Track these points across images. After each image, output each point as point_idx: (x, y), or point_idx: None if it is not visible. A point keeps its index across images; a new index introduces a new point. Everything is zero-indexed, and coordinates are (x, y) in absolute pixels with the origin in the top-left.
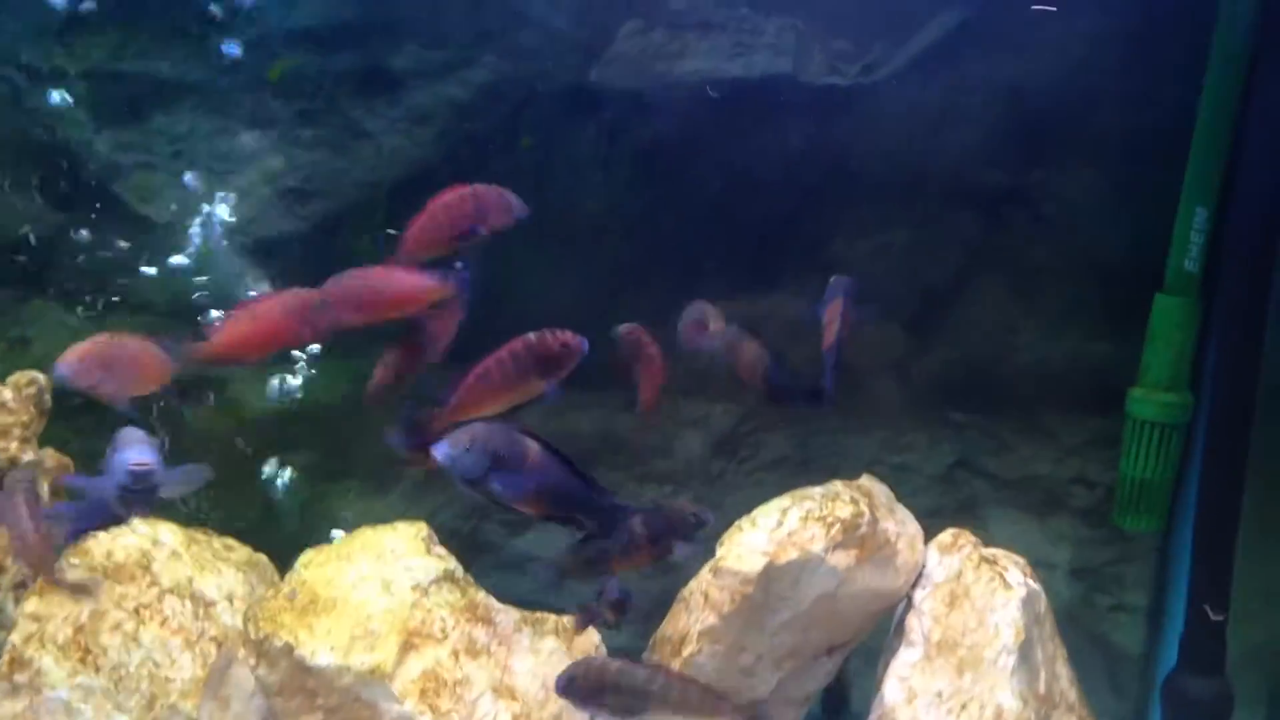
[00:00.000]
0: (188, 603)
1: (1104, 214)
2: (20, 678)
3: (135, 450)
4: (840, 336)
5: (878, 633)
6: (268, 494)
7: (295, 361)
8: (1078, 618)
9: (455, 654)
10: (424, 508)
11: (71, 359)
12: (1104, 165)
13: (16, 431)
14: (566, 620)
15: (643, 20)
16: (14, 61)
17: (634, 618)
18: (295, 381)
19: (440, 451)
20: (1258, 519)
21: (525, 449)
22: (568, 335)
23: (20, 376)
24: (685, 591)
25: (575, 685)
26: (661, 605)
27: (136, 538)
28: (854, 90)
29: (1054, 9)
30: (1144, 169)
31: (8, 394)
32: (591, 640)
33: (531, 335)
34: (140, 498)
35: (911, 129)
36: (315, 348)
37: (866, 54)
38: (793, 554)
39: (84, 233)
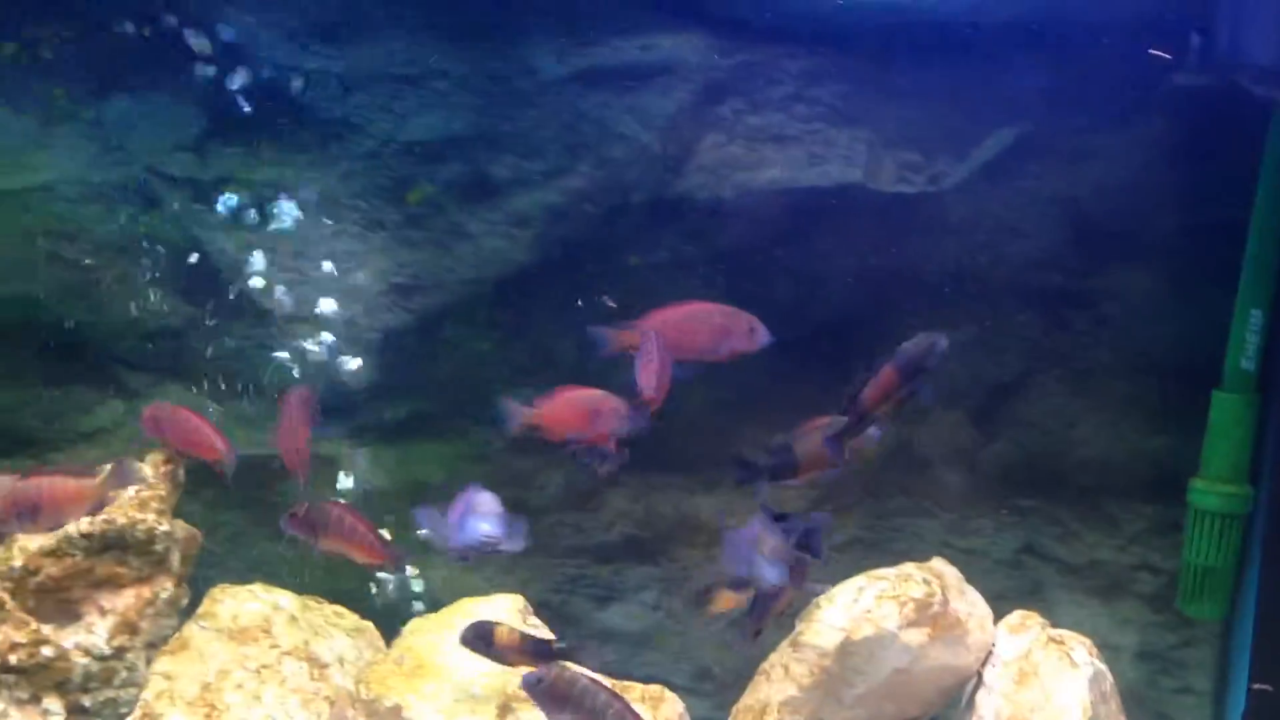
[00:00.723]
0: (304, 664)
1: (1161, 315)
2: None
3: (489, 520)
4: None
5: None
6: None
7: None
8: (1144, 699)
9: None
10: (515, 580)
11: None
12: (1160, 268)
13: (154, 504)
14: (652, 689)
15: (723, 134)
16: (155, 170)
17: (713, 689)
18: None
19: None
20: None
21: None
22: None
23: (158, 454)
24: (766, 664)
25: (539, 687)
26: (741, 677)
27: (259, 603)
28: (921, 198)
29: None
30: (1199, 272)
31: (148, 470)
32: (674, 709)
33: None
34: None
35: (975, 234)
36: None
37: (933, 165)
38: (868, 630)
39: (212, 324)
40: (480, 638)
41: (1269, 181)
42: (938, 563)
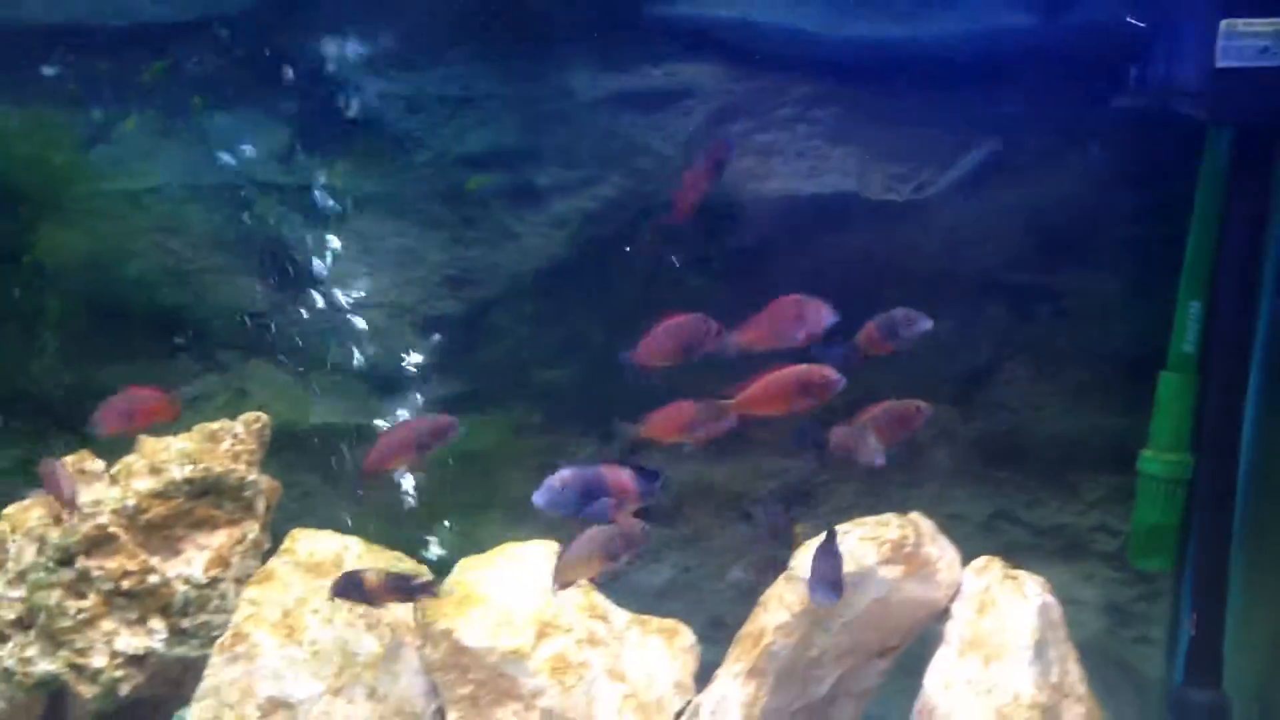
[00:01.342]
0: None
1: (1114, 308)
2: (240, 648)
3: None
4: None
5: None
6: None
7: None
8: (1106, 648)
9: (578, 642)
10: (554, 537)
11: None
12: (1115, 268)
13: (245, 457)
14: (667, 622)
15: (736, 149)
16: (249, 177)
17: (724, 637)
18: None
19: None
20: (1249, 557)
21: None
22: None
23: (250, 415)
24: (763, 597)
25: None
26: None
27: (332, 542)
28: (907, 205)
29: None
30: (1148, 271)
31: (240, 428)
32: (688, 639)
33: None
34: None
35: (954, 238)
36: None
37: (917, 176)
38: (851, 566)
39: (294, 309)
40: (352, 585)
41: (1203, 193)
42: (915, 515)
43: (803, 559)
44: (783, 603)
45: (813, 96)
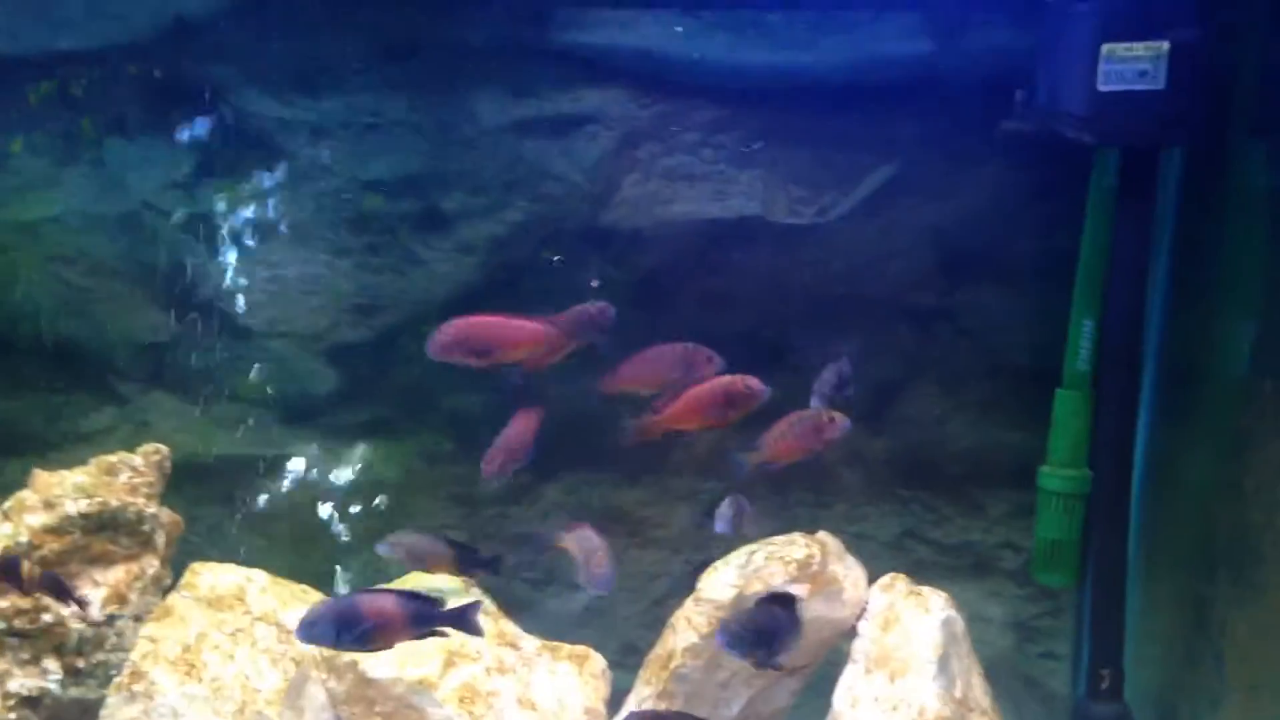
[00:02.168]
0: (273, 628)
1: (1012, 326)
2: (138, 687)
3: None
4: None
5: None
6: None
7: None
8: (1013, 664)
9: (487, 670)
10: None
11: None
12: (1013, 287)
13: (144, 490)
14: (578, 649)
15: (641, 174)
16: (151, 205)
17: (637, 662)
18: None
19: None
20: (1146, 569)
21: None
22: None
23: (149, 447)
24: (672, 619)
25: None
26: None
27: (234, 575)
28: (811, 228)
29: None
30: (1045, 289)
31: (139, 460)
32: (598, 665)
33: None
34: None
35: (857, 259)
36: None
37: (820, 199)
38: (757, 585)
39: (197, 339)
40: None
41: (1093, 213)
42: (822, 534)
43: (709, 580)
44: (690, 624)
45: (717, 121)
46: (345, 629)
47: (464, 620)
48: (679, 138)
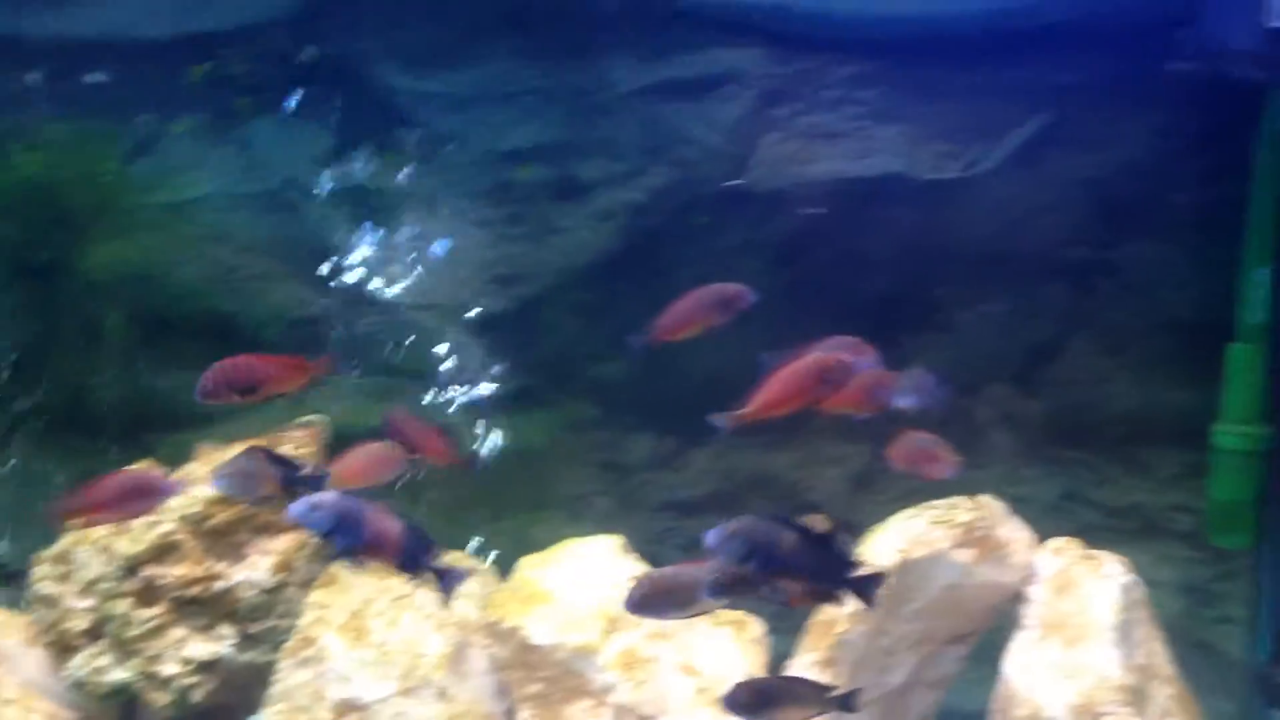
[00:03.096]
0: (434, 595)
1: (1178, 279)
2: (308, 653)
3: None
4: None
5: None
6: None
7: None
8: (1186, 630)
9: (647, 637)
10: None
11: None
12: (1177, 238)
13: (307, 459)
14: (735, 614)
15: (780, 133)
16: (294, 183)
17: (787, 628)
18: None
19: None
20: None
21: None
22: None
23: (309, 418)
24: None
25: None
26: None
27: None
28: (957, 183)
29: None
30: (1212, 239)
31: (299, 432)
32: (757, 631)
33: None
34: None
35: (1007, 214)
36: None
37: (966, 153)
38: (922, 551)
39: (342, 312)
40: None
41: (1264, 155)
42: (985, 497)
43: (871, 545)
44: None
45: (858, 77)
46: (342, 528)
47: (446, 579)
48: (819, 95)
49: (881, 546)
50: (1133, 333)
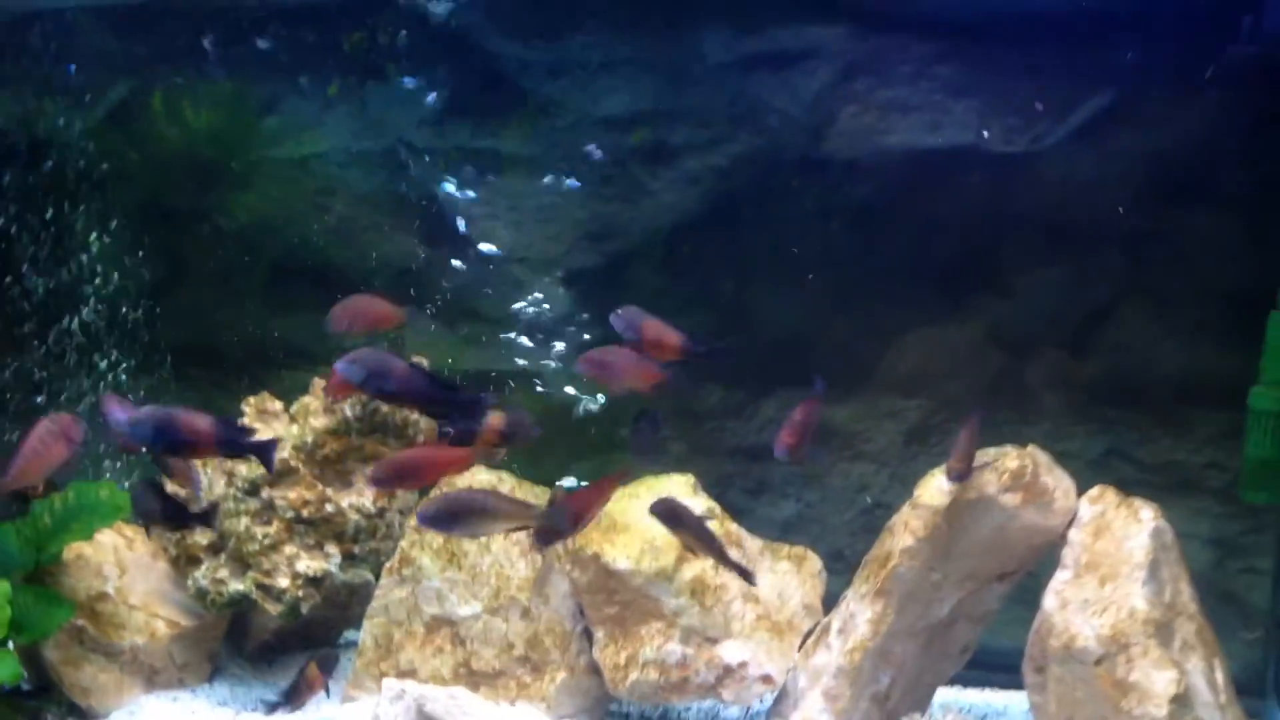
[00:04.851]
0: None
1: (1226, 251)
2: (406, 571)
3: None
4: None
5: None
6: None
7: None
8: (1214, 580)
9: (715, 567)
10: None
11: None
12: (1228, 212)
13: None
14: (796, 549)
15: (859, 106)
16: (403, 141)
17: (843, 568)
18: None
19: (339, 366)
20: None
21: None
22: None
23: (412, 359)
24: (889, 523)
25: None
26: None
27: (488, 475)
28: (1025, 156)
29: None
30: (1262, 214)
31: None
32: (815, 565)
33: None
34: None
35: (1070, 186)
36: None
37: (1035, 128)
38: (971, 494)
39: (444, 264)
40: None
41: None
42: (1032, 447)
43: (926, 487)
44: (908, 528)
45: (932, 53)
46: (161, 433)
47: (262, 450)
48: (895, 70)
49: (934, 488)
50: (1181, 300)
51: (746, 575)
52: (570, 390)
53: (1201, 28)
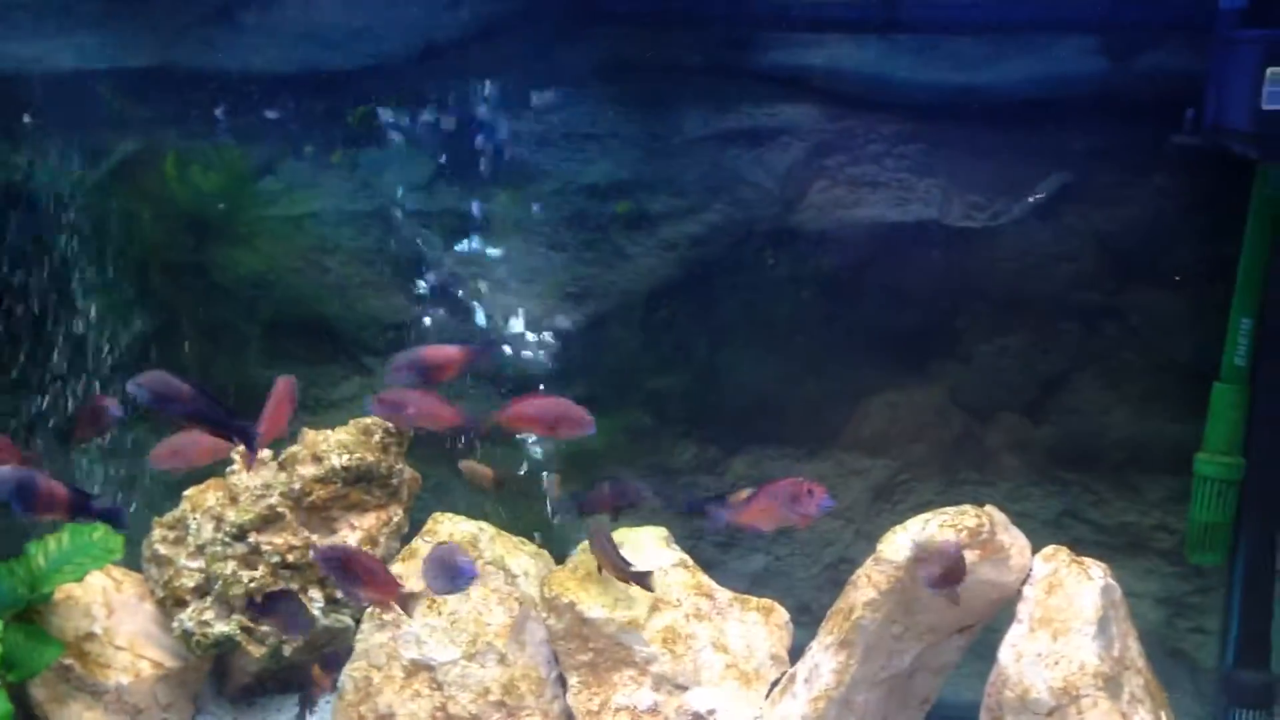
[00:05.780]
0: (501, 572)
1: (1174, 325)
2: (387, 617)
3: None
4: None
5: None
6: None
7: None
8: (1164, 638)
9: (686, 616)
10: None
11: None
12: (1176, 289)
13: (393, 449)
14: (765, 601)
15: (828, 180)
16: (397, 204)
17: (810, 620)
18: None
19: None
20: None
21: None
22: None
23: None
24: (853, 577)
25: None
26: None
27: (469, 526)
28: (984, 231)
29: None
30: (1206, 291)
31: (389, 424)
32: (783, 617)
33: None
34: None
35: (1027, 261)
36: None
37: (993, 205)
38: (931, 549)
39: (430, 320)
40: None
41: (1254, 220)
42: (989, 507)
43: (888, 543)
44: (871, 582)
45: (899, 134)
46: (18, 495)
47: (112, 518)
48: (864, 148)
49: (896, 544)
50: (1133, 370)
51: (644, 582)
52: (543, 447)
53: (1149, 118)
